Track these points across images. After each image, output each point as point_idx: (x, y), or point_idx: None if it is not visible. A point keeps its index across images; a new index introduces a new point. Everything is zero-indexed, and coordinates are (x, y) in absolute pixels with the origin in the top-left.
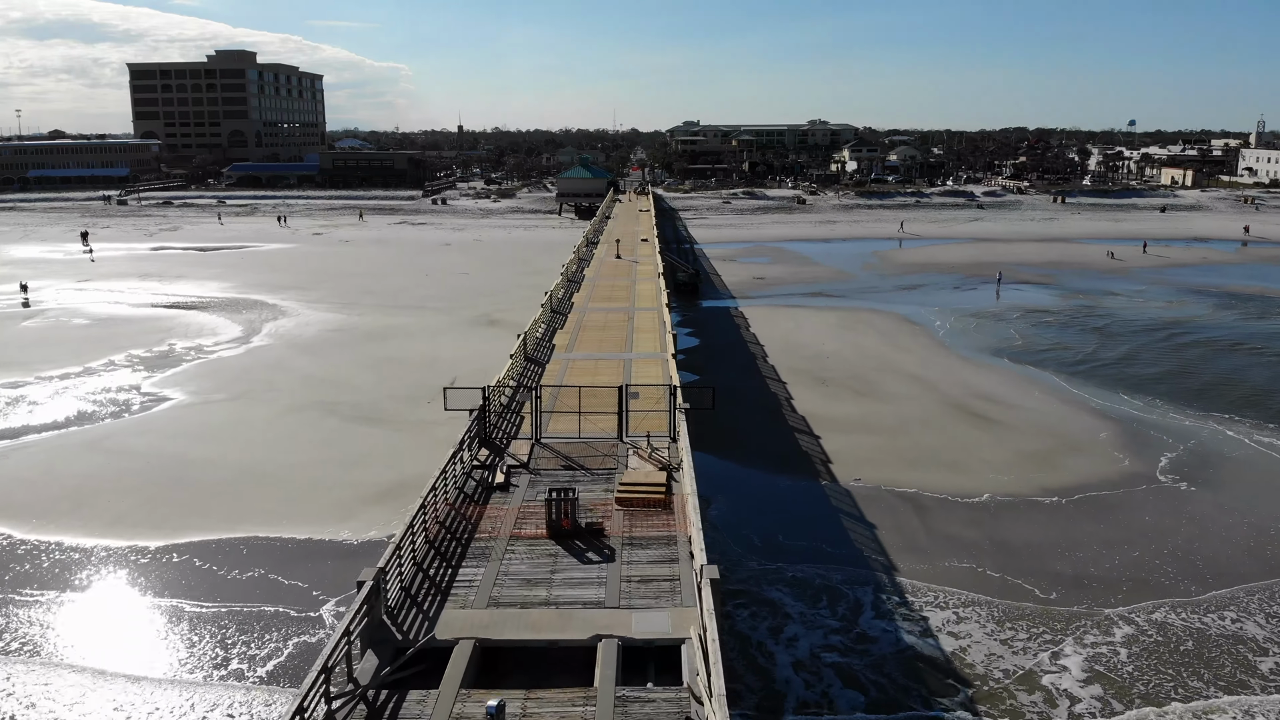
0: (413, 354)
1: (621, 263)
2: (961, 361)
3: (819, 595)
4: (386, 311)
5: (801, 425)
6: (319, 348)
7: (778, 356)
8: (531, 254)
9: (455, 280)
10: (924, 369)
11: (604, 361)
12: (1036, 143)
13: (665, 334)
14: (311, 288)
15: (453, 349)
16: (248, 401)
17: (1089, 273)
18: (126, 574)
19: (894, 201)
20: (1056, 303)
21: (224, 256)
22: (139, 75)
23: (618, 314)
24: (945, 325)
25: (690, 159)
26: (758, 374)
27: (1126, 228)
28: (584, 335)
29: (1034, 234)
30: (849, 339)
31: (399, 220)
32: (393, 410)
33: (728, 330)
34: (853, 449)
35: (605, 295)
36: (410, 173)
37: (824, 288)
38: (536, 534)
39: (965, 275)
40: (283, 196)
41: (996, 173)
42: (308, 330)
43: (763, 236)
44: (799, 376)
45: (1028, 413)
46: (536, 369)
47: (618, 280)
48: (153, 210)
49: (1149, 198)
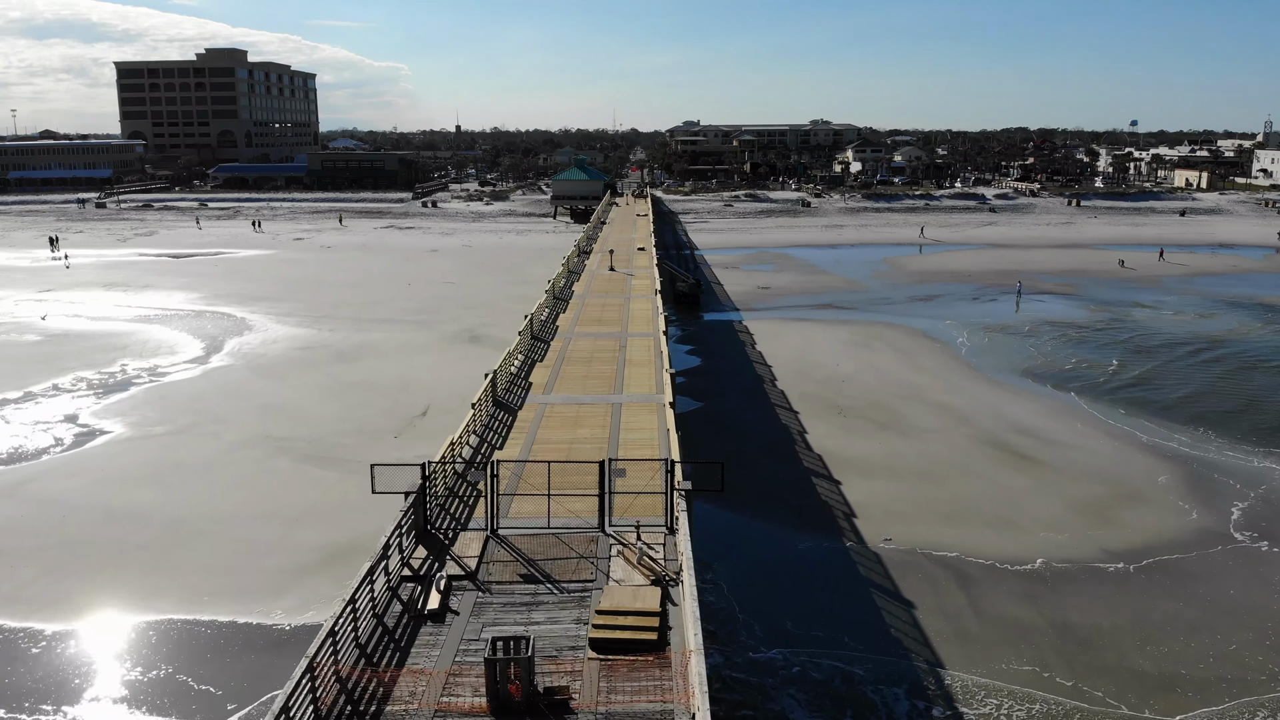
0: (384, 377)
1: (615, 276)
2: (990, 385)
3: (842, 704)
4: (361, 326)
5: (818, 466)
6: (282, 369)
7: (788, 379)
8: (523, 261)
9: (439, 291)
10: (950, 394)
11: (587, 408)
12: (1042, 143)
13: (662, 370)
14: (284, 299)
15: (429, 371)
16: (192, 437)
17: (1112, 282)
18: (8, 670)
19: (902, 204)
20: (1082, 315)
21: (197, 264)
22: (126, 74)
23: (607, 341)
24: (967, 341)
25: (690, 160)
26: (766, 401)
27: (1147, 233)
28: (567, 370)
29: (1051, 239)
30: (865, 358)
31: (386, 224)
32: (352, 448)
33: (732, 348)
34: (880, 498)
35: (595, 317)
36: (401, 174)
37: (834, 299)
38: (474, 708)
39: (983, 285)
40: (267, 199)
41: (1004, 174)
42: (273, 349)
43: (767, 242)
44: (813, 404)
45: (1072, 450)
46: (505, 419)
47: (610, 298)
48: (131, 213)
49: (1166, 201)
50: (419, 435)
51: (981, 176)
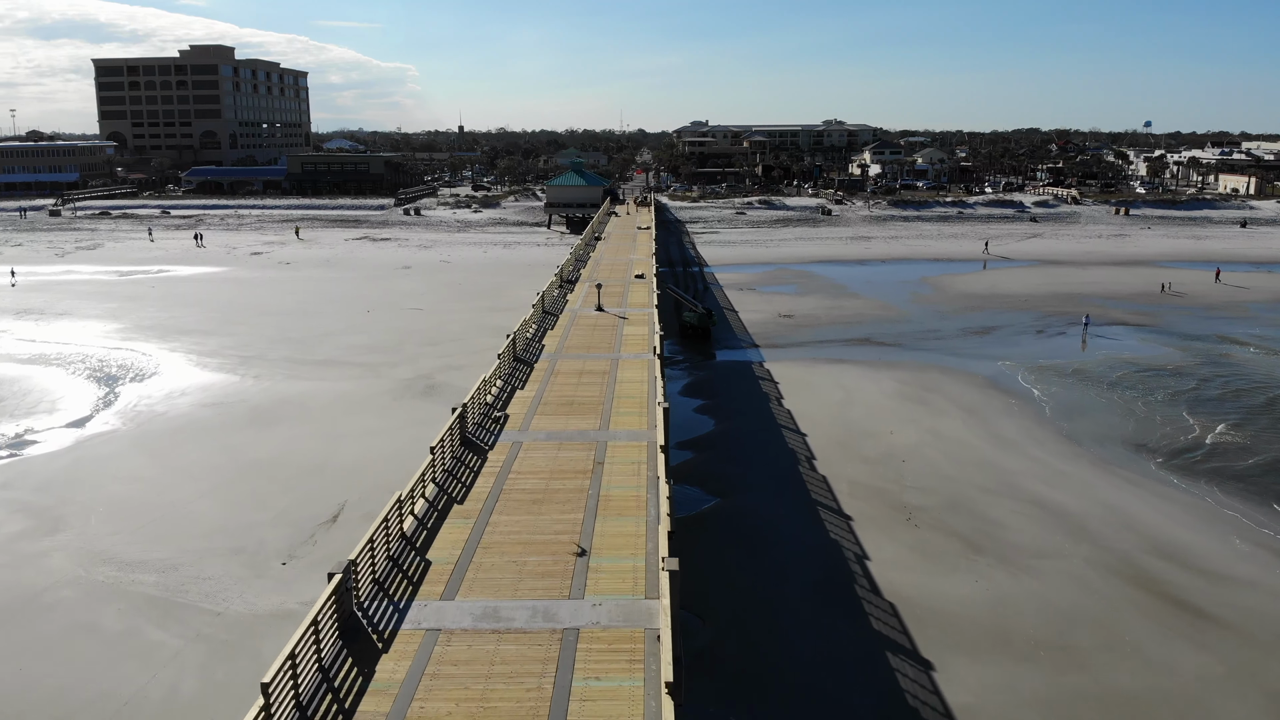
0: (299, 452)
1: (604, 319)
2: (1098, 468)
3: None
4: (294, 371)
5: (892, 628)
6: (173, 440)
7: (830, 454)
8: (507, 280)
9: (402, 320)
10: (1052, 485)
11: (511, 635)
12: (1065, 144)
13: (657, 507)
14: (216, 331)
15: (358, 443)
16: (5, 568)
17: (1194, 311)
18: None
19: (933, 213)
20: (1168, 355)
21: (133, 284)
22: (105, 72)
23: (578, 450)
24: (1045, 395)
25: (699, 162)
26: (803, 494)
27: (1211, 247)
28: (499, 531)
29: (1106, 254)
30: (925, 421)
31: (359, 235)
32: (217, 585)
33: (753, 403)
34: (997, 702)
35: (565, 395)
36: (388, 178)
37: (871, 330)
38: None
39: (1043, 313)
40: (235, 206)
41: (1030, 177)
42: (176, 405)
43: (786, 257)
44: (868, 500)
45: (1246, 591)
46: (365, 658)
47: (591, 360)
48: (84, 223)
49: (1222, 209)
50: (319, 558)
51: (1011, 181)
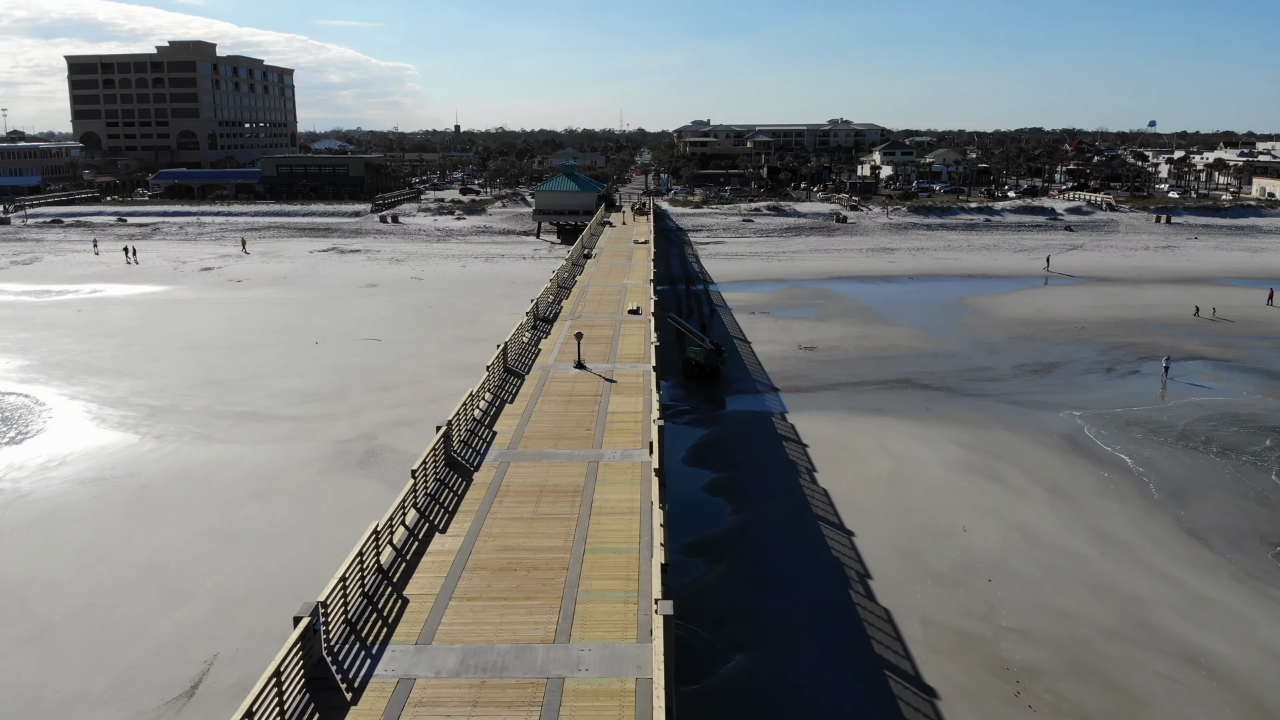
0: (174, 567)
1: (583, 384)
2: (1248, 590)
3: None
4: (207, 428)
5: None
6: (24, 538)
7: (888, 572)
8: (486, 300)
9: (353, 354)
10: (1198, 623)
11: None
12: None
13: None
14: (130, 371)
15: (256, 553)
16: None
17: (1272, 339)
18: None
19: (957, 220)
20: (1269, 404)
21: (56, 309)
22: (78, 69)
23: (538, 621)
24: (1143, 463)
25: (700, 163)
26: (864, 649)
27: (1269, 261)
28: None
29: (1159, 271)
30: (1005, 510)
31: (328, 246)
32: None
33: (777, 478)
34: None
35: (508, 547)
36: (369, 181)
37: (911, 369)
38: None
39: (1105, 344)
40: (199, 213)
41: (1049, 180)
42: (46, 482)
43: (800, 272)
44: (953, 656)
45: None
46: None
47: (558, 465)
48: (32, 232)
49: (1269, 217)
50: None
51: (1034, 185)
